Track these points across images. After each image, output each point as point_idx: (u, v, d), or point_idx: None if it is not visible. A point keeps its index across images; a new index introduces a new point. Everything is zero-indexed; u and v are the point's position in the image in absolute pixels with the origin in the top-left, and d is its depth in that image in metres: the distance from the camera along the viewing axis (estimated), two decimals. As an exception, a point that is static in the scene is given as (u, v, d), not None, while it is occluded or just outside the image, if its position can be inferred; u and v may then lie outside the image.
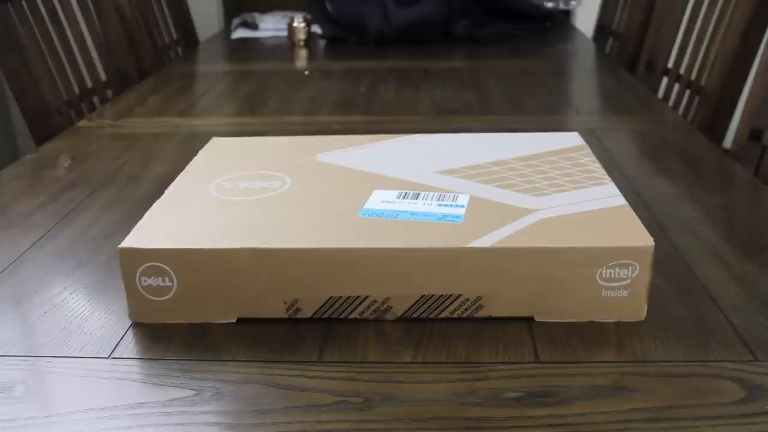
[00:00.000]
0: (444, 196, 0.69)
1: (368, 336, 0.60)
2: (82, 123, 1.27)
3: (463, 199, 0.68)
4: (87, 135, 1.20)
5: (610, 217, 0.65)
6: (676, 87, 1.58)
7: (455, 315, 0.62)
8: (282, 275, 0.61)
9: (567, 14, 2.46)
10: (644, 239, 0.61)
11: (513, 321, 0.61)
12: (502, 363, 0.57)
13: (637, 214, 0.65)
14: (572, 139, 0.85)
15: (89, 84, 1.60)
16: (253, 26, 2.16)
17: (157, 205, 0.70)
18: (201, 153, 0.84)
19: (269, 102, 1.37)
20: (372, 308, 0.62)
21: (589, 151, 0.81)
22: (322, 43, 1.99)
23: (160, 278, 0.61)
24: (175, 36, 2.12)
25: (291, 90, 1.46)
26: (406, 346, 0.59)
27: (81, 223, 0.83)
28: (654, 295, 0.62)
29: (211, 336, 0.61)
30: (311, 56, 1.89)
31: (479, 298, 0.61)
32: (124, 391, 0.54)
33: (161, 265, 0.61)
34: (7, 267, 0.73)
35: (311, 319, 0.62)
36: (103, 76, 1.66)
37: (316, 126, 1.22)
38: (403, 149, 0.84)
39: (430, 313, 0.62)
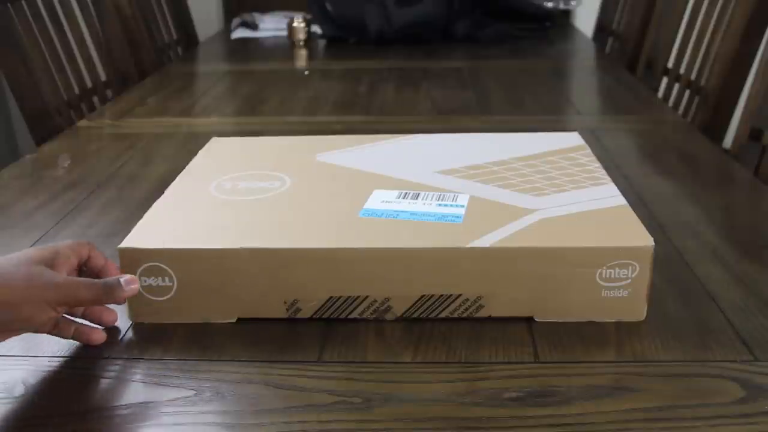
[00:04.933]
0: (444, 196, 0.69)
1: (368, 336, 0.60)
2: (82, 123, 1.27)
3: (463, 199, 0.68)
4: (87, 135, 1.20)
5: (610, 217, 0.65)
6: (676, 87, 1.58)
7: (455, 315, 0.62)
8: (282, 275, 0.61)
9: (567, 14, 2.46)
10: (644, 239, 0.61)
11: (513, 321, 0.61)
12: (502, 363, 0.57)
13: (637, 214, 0.65)
14: (572, 139, 0.85)
15: (89, 84, 1.59)
16: (253, 26, 2.16)
17: (157, 205, 0.70)
18: (201, 153, 0.84)
19: (269, 102, 1.37)
20: (372, 308, 0.62)
21: (589, 151, 0.81)
22: (322, 43, 1.99)
23: (160, 278, 0.61)
24: (175, 36, 2.12)
25: (291, 90, 1.46)
26: (406, 346, 0.59)
27: (81, 223, 0.83)
28: (654, 295, 0.62)
29: (211, 336, 0.60)
30: (311, 56, 1.89)
31: (479, 298, 0.61)
32: (124, 391, 0.54)
33: (161, 265, 0.61)
34: (7, 267, 0.73)
35: (311, 319, 0.62)
36: (103, 76, 1.66)
37: (316, 126, 1.22)
38: (403, 149, 0.84)
39: (430, 313, 0.62)
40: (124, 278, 0.57)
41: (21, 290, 0.52)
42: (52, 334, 0.58)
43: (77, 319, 0.60)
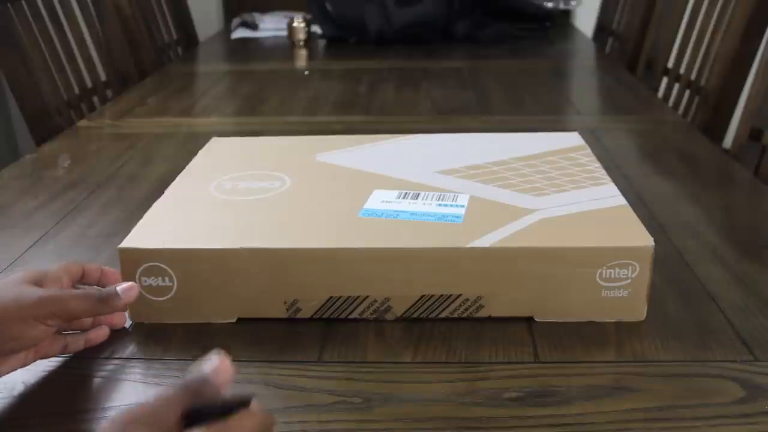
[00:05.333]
0: (444, 196, 0.69)
1: (368, 336, 0.60)
2: (82, 123, 1.27)
3: (463, 199, 0.68)
4: (87, 135, 1.20)
5: (610, 217, 0.65)
6: (676, 87, 1.58)
7: (455, 315, 0.62)
8: (282, 275, 0.61)
9: (567, 14, 2.46)
10: (644, 239, 0.61)
11: (513, 321, 0.61)
12: (502, 363, 0.57)
13: (637, 214, 0.65)
14: (572, 139, 0.85)
15: (89, 84, 1.59)
16: (253, 26, 2.16)
17: (157, 205, 0.70)
18: (201, 153, 0.84)
19: (269, 102, 1.37)
20: (372, 308, 0.62)
21: (589, 151, 0.81)
22: (322, 43, 1.99)
23: (160, 278, 0.61)
24: (175, 36, 2.12)
25: (291, 90, 1.46)
26: (406, 346, 0.59)
27: (81, 223, 0.83)
28: (654, 295, 0.62)
29: (211, 336, 0.60)
30: (311, 56, 1.89)
31: (479, 298, 0.61)
32: (124, 391, 0.54)
33: (161, 265, 0.61)
34: (8, 267, 0.73)
35: (311, 319, 0.62)
36: (103, 76, 1.66)
37: (316, 126, 1.22)
38: (403, 149, 0.84)
39: (430, 313, 0.62)
40: (122, 286, 0.56)
41: (6, 308, 0.51)
42: (66, 353, 0.58)
43: (80, 331, 0.59)
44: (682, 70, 1.56)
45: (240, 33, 2.14)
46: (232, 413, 0.40)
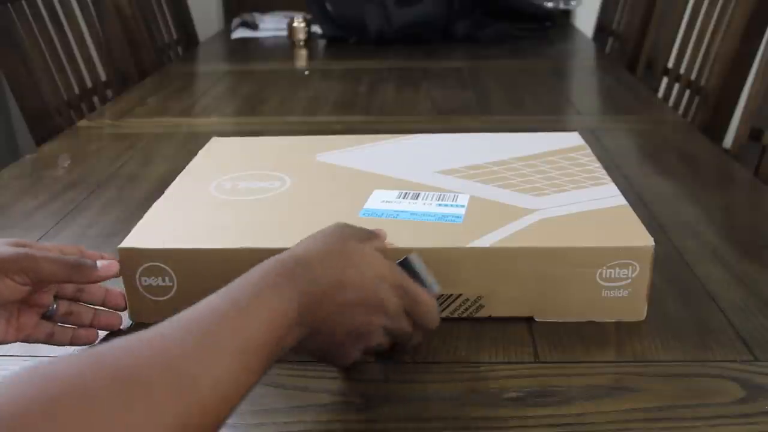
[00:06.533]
0: (444, 196, 0.69)
1: (368, 336, 0.60)
2: (82, 123, 1.27)
3: (463, 199, 0.68)
4: (87, 135, 1.20)
5: (610, 217, 0.65)
6: (676, 87, 1.58)
7: (455, 315, 0.62)
8: (282, 275, 0.61)
9: (567, 14, 2.46)
10: (644, 239, 0.61)
11: (513, 321, 0.61)
12: (502, 363, 0.57)
13: (637, 214, 0.65)
14: (572, 139, 0.85)
15: (89, 84, 1.59)
16: (253, 26, 2.16)
17: (157, 205, 0.70)
18: (201, 153, 0.84)
19: (269, 102, 1.37)
20: (372, 308, 0.61)
21: (589, 151, 0.81)
22: (322, 43, 1.99)
23: (160, 278, 0.61)
24: (175, 36, 2.12)
25: (291, 90, 1.46)
26: (406, 346, 0.59)
27: (81, 223, 0.83)
28: (654, 295, 0.62)
29: (211, 336, 0.60)
30: (311, 56, 1.89)
31: (479, 298, 0.61)
32: (124, 391, 0.54)
33: (161, 265, 0.61)
34: (7, 267, 0.73)
35: (311, 319, 0.62)
36: (103, 76, 1.66)
37: (316, 126, 1.22)
38: (403, 149, 0.84)
39: (430, 313, 0.62)
40: (102, 261, 0.56)
41: None
42: (49, 344, 0.58)
43: (70, 325, 0.60)
44: (682, 70, 1.56)
45: (240, 33, 2.14)
46: (424, 286, 0.53)
